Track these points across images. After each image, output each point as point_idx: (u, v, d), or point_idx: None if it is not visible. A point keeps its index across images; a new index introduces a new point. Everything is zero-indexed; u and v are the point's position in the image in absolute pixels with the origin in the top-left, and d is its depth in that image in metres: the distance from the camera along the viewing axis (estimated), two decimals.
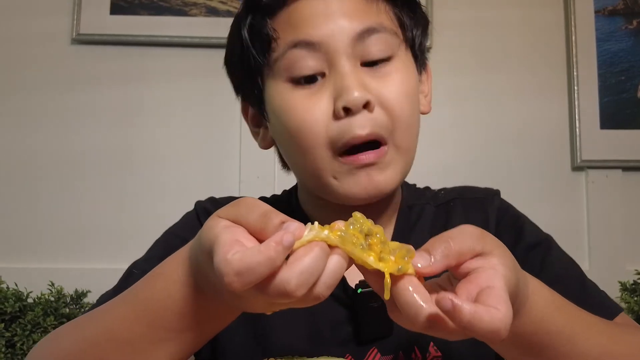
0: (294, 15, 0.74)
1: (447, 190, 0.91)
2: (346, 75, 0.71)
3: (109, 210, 1.64)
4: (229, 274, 0.45)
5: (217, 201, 0.88)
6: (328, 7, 0.73)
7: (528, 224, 0.86)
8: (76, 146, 1.66)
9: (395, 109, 0.73)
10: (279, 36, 0.74)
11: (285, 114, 0.74)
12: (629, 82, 1.75)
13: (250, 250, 0.46)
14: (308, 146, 0.73)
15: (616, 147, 1.71)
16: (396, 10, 0.78)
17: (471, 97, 1.74)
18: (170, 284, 0.58)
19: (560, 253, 0.83)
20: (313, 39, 0.72)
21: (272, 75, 0.76)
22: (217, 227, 0.51)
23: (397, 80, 0.74)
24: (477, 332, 0.46)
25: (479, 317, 0.46)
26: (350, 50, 0.72)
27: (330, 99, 0.72)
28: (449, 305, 0.46)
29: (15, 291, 1.44)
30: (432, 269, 0.51)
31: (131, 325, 0.59)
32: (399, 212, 0.85)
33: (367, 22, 0.73)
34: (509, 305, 0.48)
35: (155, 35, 1.70)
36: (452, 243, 0.52)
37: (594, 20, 1.76)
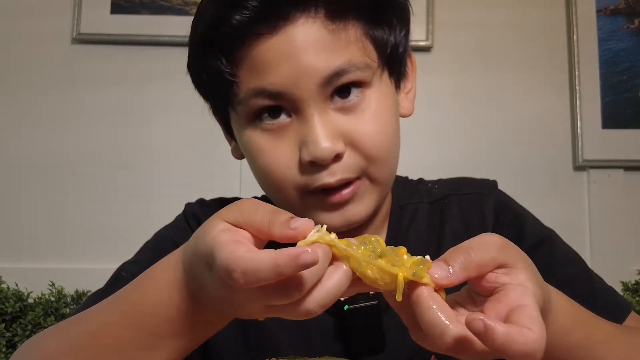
0: (254, 58, 0.68)
1: (441, 184, 0.87)
2: (313, 124, 0.67)
3: (110, 211, 1.64)
4: (237, 270, 0.44)
5: (206, 203, 0.87)
6: (291, 47, 0.67)
7: (529, 219, 0.83)
8: (77, 146, 1.66)
9: (370, 149, 0.69)
10: (240, 80, 0.69)
11: (252, 155, 0.72)
12: (631, 81, 1.74)
13: (261, 253, 0.45)
14: (278, 185, 0.71)
15: (618, 146, 1.70)
16: (367, 28, 0.71)
17: (472, 97, 1.73)
18: (159, 289, 0.56)
19: (564, 249, 0.81)
20: (277, 89, 0.67)
21: (236, 115, 0.73)
22: (213, 231, 0.49)
23: (371, 118, 0.70)
24: (510, 355, 0.43)
25: (513, 340, 0.43)
26: (317, 96, 0.67)
27: (296, 146, 0.69)
28: (481, 327, 0.43)
29: (16, 291, 1.44)
30: (451, 279, 0.48)
31: (118, 331, 0.58)
32: (390, 214, 0.83)
33: (335, 62, 0.67)
34: (543, 325, 0.46)
35: (156, 35, 1.70)
36: (472, 254, 0.49)
37: (595, 19, 1.75)
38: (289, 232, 0.47)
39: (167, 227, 0.85)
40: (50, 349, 0.62)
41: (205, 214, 0.83)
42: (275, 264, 0.43)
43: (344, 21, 0.68)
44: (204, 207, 0.86)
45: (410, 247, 0.51)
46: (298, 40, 0.67)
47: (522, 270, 0.50)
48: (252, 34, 0.67)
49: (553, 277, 0.74)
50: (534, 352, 0.44)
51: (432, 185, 0.88)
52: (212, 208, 0.85)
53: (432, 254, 0.81)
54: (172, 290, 0.55)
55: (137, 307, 0.58)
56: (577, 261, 0.81)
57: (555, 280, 0.68)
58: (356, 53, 0.69)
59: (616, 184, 1.71)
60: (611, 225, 1.69)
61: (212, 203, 0.87)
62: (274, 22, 0.66)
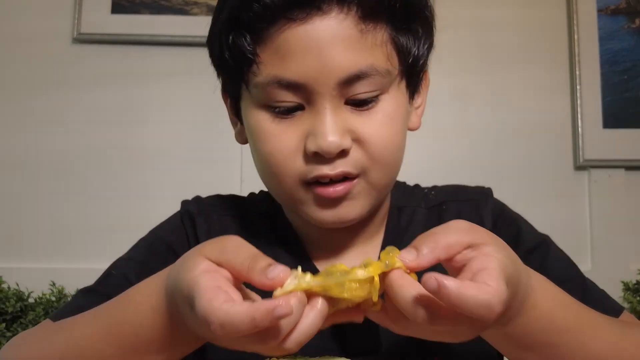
0: (279, 42, 0.67)
1: (437, 191, 0.88)
2: (325, 117, 0.67)
3: (111, 210, 1.64)
4: (214, 322, 0.47)
5: (202, 201, 0.87)
6: (319, 39, 0.66)
7: (525, 225, 0.84)
8: (77, 145, 1.66)
9: (375, 150, 0.70)
10: (262, 61, 0.68)
11: (257, 139, 0.72)
12: (632, 81, 1.74)
13: (239, 306, 0.47)
14: (277, 173, 0.71)
15: (619, 146, 1.70)
16: (395, 34, 0.71)
17: (473, 96, 1.73)
18: (142, 312, 0.58)
19: (559, 254, 0.82)
20: (297, 80, 0.67)
21: (249, 95, 0.72)
22: (195, 270, 0.51)
23: (383, 121, 0.70)
24: (468, 308, 0.46)
25: (465, 292, 0.46)
26: (334, 92, 0.67)
27: (304, 135, 0.69)
28: (434, 284, 0.46)
29: (17, 291, 1.44)
30: (419, 261, 0.51)
31: (100, 345, 0.60)
32: (388, 215, 0.83)
33: (357, 65, 0.67)
34: (502, 282, 0.48)
35: (157, 35, 1.70)
36: (438, 236, 0.53)
37: (596, 19, 1.75)
38: (265, 281, 0.49)
39: (162, 226, 0.85)
40: (32, 354, 0.64)
41: (200, 213, 0.83)
42: (252, 317, 0.46)
43: (374, 22, 0.69)
44: (199, 204, 0.85)
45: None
46: (327, 34, 0.67)
47: (490, 244, 0.52)
48: (283, 18, 0.66)
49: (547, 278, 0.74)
50: (490, 303, 0.46)
51: (428, 191, 0.88)
52: (207, 206, 0.85)
53: None
54: (154, 314, 0.57)
55: (119, 326, 0.60)
56: (571, 265, 0.81)
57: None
58: (380, 57, 0.69)
59: (617, 184, 1.71)
60: (612, 225, 1.69)
61: (209, 200, 0.87)
62: (308, 10, 0.66)
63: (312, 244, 0.81)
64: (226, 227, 0.83)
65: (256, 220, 0.84)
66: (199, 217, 0.83)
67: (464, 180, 0.93)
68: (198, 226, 0.82)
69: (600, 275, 0.87)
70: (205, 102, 1.69)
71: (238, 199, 0.90)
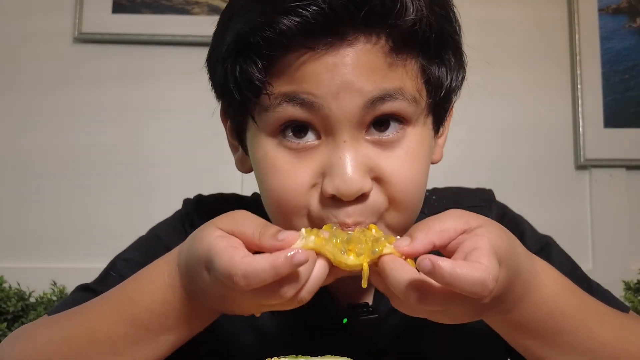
0: (295, 70, 0.59)
1: (438, 195, 0.85)
2: (344, 154, 0.59)
3: (111, 209, 1.64)
4: (237, 274, 0.50)
5: (204, 199, 0.86)
6: (340, 61, 0.58)
7: (528, 228, 0.83)
8: (78, 145, 1.66)
9: (397, 192, 0.62)
10: (272, 90, 0.60)
11: (266, 173, 0.64)
12: (633, 80, 1.74)
13: (259, 257, 0.51)
14: (287, 211, 0.64)
15: (620, 145, 1.70)
16: (426, 65, 0.64)
17: (474, 96, 1.72)
18: (155, 287, 0.60)
19: (562, 256, 0.82)
20: (314, 100, 0.59)
21: (256, 124, 0.64)
22: (210, 237, 0.54)
23: (408, 155, 0.63)
24: (462, 286, 0.47)
25: (459, 270, 0.47)
26: (355, 120, 0.60)
27: (319, 171, 0.61)
28: (428, 265, 0.47)
29: (18, 291, 1.44)
30: (413, 246, 0.53)
31: (114, 325, 0.61)
32: None
33: (384, 85, 0.60)
34: (493, 259, 0.50)
35: (157, 34, 1.70)
36: (432, 223, 0.54)
37: (597, 18, 1.75)
38: (276, 243, 0.52)
39: (162, 226, 0.85)
40: (42, 345, 0.64)
41: (200, 213, 0.83)
42: (273, 265, 0.49)
43: (404, 54, 0.62)
44: (200, 205, 0.85)
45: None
46: (350, 58, 0.59)
47: (481, 227, 0.54)
48: (301, 46, 0.59)
49: None
50: (484, 281, 0.48)
51: (429, 195, 0.85)
52: (209, 205, 0.85)
53: None
54: (166, 288, 0.59)
55: (132, 304, 0.61)
56: (574, 266, 0.81)
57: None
58: (409, 85, 0.62)
59: (618, 183, 1.71)
60: (613, 224, 1.69)
61: (210, 199, 0.87)
62: (330, 39, 0.58)
63: None
64: None
65: None
66: (199, 220, 0.82)
67: (464, 180, 0.93)
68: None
69: (601, 274, 0.86)
70: (207, 102, 1.69)
71: (240, 199, 0.89)
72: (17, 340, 0.67)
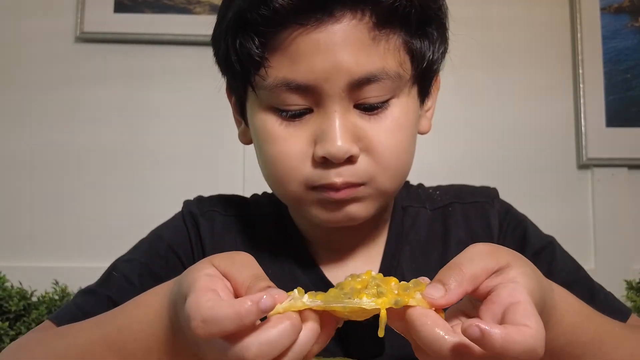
0: (288, 46, 0.66)
1: (442, 191, 0.87)
2: (334, 121, 0.66)
3: (113, 209, 1.64)
4: (196, 318, 0.46)
5: (205, 201, 0.86)
6: (330, 42, 0.65)
7: (531, 227, 0.83)
8: (80, 144, 1.66)
9: (383, 159, 0.68)
10: (270, 65, 0.67)
11: (264, 141, 0.71)
12: (635, 80, 1.74)
13: (224, 302, 0.46)
14: (283, 176, 0.70)
15: (622, 145, 1.70)
16: (409, 39, 0.70)
17: (476, 95, 1.73)
18: (143, 316, 0.58)
19: (565, 257, 0.82)
20: (307, 82, 0.66)
21: (256, 98, 0.70)
22: (198, 273, 0.51)
23: (392, 128, 0.69)
24: (512, 354, 0.44)
25: (512, 339, 0.43)
26: (344, 94, 0.66)
27: (312, 139, 0.68)
28: (477, 333, 0.43)
29: (20, 290, 1.44)
30: (447, 299, 0.48)
31: (102, 351, 0.59)
32: (392, 215, 0.83)
33: (367, 67, 0.66)
34: (539, 319, 0.46)
35: (159, 34, 1.70)
36: (463, 269, 0.50)
37: (599, 17, 1.75)
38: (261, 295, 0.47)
39: (164, 226, 0.85)
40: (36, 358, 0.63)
41: (203, 213, 0.83)
42: (236, 311, 0.45)
43: (388, 29, 0.67)
44: (201, 205, 0.85)
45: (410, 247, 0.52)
46: (338, 38, 0.65)
47: (513, 267, 0.50)
48: (294, 23, 0.65)
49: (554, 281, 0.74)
50: (535, 348, 0.44)
51: (432, 191, 0.87)
52: (210, 206, 0.85)
53: (435, 261, 0.80)
54: (155, 319, 0.56)
55: (120, 333, 0.59)
56: (577, 267, 0.81)
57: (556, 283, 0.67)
58: (391, 62, 0.68)
59: (620, 183, 1.71)
60: (615, 224, 1.69)
61: (211, 200, 0.87)
62: (319, 15, 0.65)
63: (316, 245, 0.81)
64: (230, 228, 0.83)
65: (260, 221, 0.84)
66: (202, 218, 0.83)
67: (466, 179, 0.93)
68: (201, 227, 0.82)
69: (603, 274, 0.86)
70: (209, 101, 1.69)
71: (241, 199, 0.89)
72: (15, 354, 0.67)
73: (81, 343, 0.61)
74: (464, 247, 0.53)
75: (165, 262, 0.79)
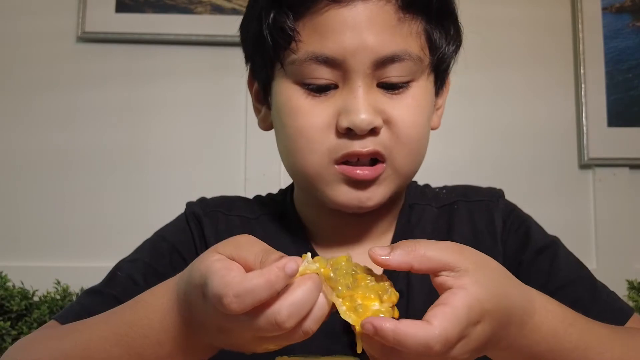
0: (320, 21, 0.70)
1: (448, 190, 0.88)
2: (358, 94, 0.69)
3: (114, 209, 1.64)
4: (228, 295, 0.47)
5: (207, 202, 0.87)
6: (358, 20, 0.69)
7: (534, 226, 0.84)
8: (81, 144, 1.66)
9: (403, 134, 0.72)
10: (301, 39, 0.71)
11: (288, 115, 0.73)
12: (637, 79, 1.74)
13: (252, 273, 0.48)
14: (305, 150, 0.72)
15: (623, 145, 1.70)
16: (429, 28, 0.75)
17: (478, 95, 1.73)
18: (152, 313, 0.58)
19: (568, 256, 0.82)
20: (335, 56, 0.69)
21: (284, 73, 0.73)
22: (208, 260, 0.52)
23: (412, 105, 0.72)
24: (409, 347, 0.46)
25: (403, 333, 0.46)
26: (369, 72, 0.70)
27: (337, 111, 0.71)
28: (371, 329, 0.47)
29: (21, 289, 1.44)
30: (388, 260, 0.51)
31: (110, 347, 0.59)
32: (400, 212, 0.84)
33: (392, 47, 0.70)
34: (449, 321, 0.48)
35: (161, 34, 1.70)
36: (419, 245, 0.52)
37: (601, 17, 1.75)
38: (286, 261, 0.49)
39: (167, 227, 0.85)
40: (41, 356, 0.64)
41: (206, 213, 0.83)
42: (267, 279, 0.47)
43: (411, 14, 0.72)
44: (204, 205, 0.85)
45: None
46: (366, 16, 0.69)
47: (469, 273, 0.52)
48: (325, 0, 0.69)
49: (556, 280, 0.74)
50: (427, 342, 0.47)
51: (439, 190, 0.89)
52: (213, 207, 0.85)
53: None
54: (164, 315, 0.57)
55: (128, 328, 0.59)
56: (580, 266, 0.81)
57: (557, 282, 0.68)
58: (414, 45, 0.72)
59: (621, 183, 1.71)
60: (616, 223, 1.69)
61: (213, 201, 0.87)
62: None
63: (323, 240, 0.81)
64: (233, 227, 0.83)
65: (264, 219, 0.84)
66: (205, 218, 0.83)
67: (468, 179, 0.93)
68: (205, 226, 0.82)
69: (604, 274, 0.86)
70: (210, 101, 1.70)
71: (244, 200, 0.90)
72: (20, 352, 0.67)
73: (87, 339, 0.62)
74: (468, 244, 0.54)
75: (169, 262, 0.79)
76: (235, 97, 1.68)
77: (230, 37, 1.61)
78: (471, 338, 0.51)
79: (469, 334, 0.51)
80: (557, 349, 0.58)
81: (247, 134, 1.65)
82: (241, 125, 1.67)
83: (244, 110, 1.67)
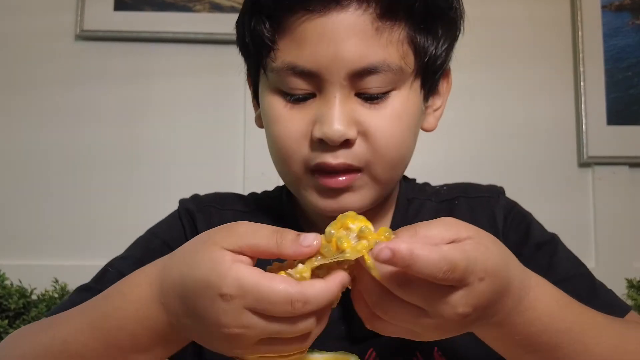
0: (296, 31, 0.69)
1: (449, 187, 0.88)
2: (333, 105, 0.68)
3: (113, 207, 1.64)
4: (299, 300, 0.48)
5: (200, 198, 0.87)
6: (334, 31, 0.67)
7: (534, 223, 0.84)
8: (80, 143, 1.66)
9: (381, 145, 0.70)
10: (279, 48, 0.70)
11: (270, 121, 0.73)
12: (636, 78, 1.73)
13: (314, 281, 0.50)
14: (284, 156, 0.73)
15: (623, 143, 1.70)
16: (413, 33, 0.71)
17: (477, 94, 1.73)
18: (128, 303, 0.57)
19: (567, 252, 0.82)
20: (310, 68, 0.68)
21: (266, 80, 0.74)
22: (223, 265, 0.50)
23: (391, 115, 0.70)
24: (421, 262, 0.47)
25: (418, 251, 0.47)
26: (345, 83, 0.68)
27: (312, 121, 0.70)
28: (388, 253, 0.47)
29: (19, 288, 1.44)
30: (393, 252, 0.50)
31: (86, 340, 0.58)
32: (396, 206, 0.83)
33: (369, 59, 0.68)
34: (459, 252, 0.49)
35: (160, 32, 1.70)
36: (418, 228, 0.53)
37: (600, 15, 1.74)
38: (303, 249, 0.51)
39: (159, 224, 0.85)
40: (24, 351, 0.63)
41: (199, 209, 0.83)
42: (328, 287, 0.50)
43: (392, 20, 0.69)
44: (197, 202, 0.85)
45: None
46: (342, 27, 0.67)
47: (471, 239, 0.52)
48: (302, 8, 0.68)
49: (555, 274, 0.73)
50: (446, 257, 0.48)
51: (439, 187, 0.89)
52: (206, 202, 0.85)
53: None
54: (141, 306, 0.56)
55: (105, 319, 0.58)
56: (579, 263, 0.81)
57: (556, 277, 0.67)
58: (393, 54, 0.69)
59: (621, 181, 1.70)
60: (616, 222, 1.69)
61: (207, 198, 0.87)
62: (326, 3, 0.67)
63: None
64: (227, 221, 0.82)
65: (258, 215, 0.84)
66: (199, 214, 0.83)
67: (467, 177, 0.93)
68: (198, 221, 0.82)
69: (604, 272, 0.86)
70: (209, 100, 1.70)
71: (238, 196, 0.90)
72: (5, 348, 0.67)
73: (65, 332, 0.61)
74: None
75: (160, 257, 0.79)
76: (234, 95, 1.68)
77: (229, 35, 1.60)
78: (473, 290, 0.51)
79: (472, 283, 0.51)
80: (552, 330, 0.58)
81: (245, 132, 1.65)
82: (240, 124, 1.66)
83: (243, 108, 1.66)
